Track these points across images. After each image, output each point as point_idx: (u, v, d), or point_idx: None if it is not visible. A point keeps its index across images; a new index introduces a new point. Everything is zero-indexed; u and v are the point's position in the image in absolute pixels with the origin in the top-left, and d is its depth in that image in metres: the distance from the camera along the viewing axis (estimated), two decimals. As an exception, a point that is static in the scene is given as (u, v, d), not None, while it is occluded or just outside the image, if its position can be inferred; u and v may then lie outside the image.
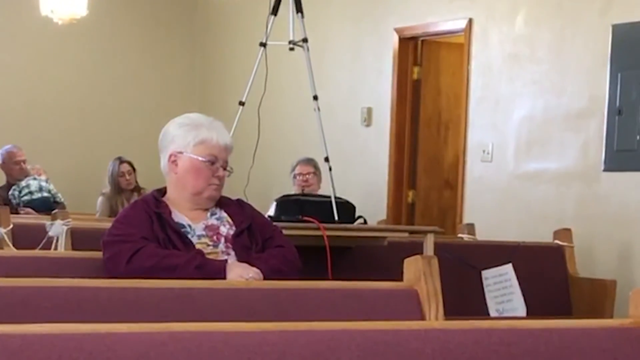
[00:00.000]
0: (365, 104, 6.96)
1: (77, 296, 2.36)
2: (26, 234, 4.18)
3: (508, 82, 5.91)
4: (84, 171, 8.23)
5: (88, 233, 3.94)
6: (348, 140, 6.96)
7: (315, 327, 1.86)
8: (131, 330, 1.75)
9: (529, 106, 5.75)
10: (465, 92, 6.20)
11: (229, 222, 3.15)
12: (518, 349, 1.93)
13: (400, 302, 2.51)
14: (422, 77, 6.72)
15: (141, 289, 2.44)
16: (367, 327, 1.90)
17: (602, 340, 2.02)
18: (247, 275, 2.89)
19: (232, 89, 7.32)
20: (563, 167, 5.50)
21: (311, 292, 2.56)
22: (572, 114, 5.47)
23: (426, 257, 2.54)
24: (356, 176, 6.86)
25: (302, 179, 6.13)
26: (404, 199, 6.74)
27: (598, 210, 5.26)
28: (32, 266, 2.91)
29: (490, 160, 6.00)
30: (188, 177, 3.09)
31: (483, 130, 6.06)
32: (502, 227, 5.73)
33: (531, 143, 5.73)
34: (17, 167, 6.93)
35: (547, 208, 5.54)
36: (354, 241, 4.19)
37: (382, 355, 1.82)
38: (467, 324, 1.98)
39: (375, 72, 6.89)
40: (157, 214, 3.02)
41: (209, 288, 2.52)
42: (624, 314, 2.10)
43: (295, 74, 6.55)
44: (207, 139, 3.09)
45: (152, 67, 8.83)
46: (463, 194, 6.19)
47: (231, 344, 1.75)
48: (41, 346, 1.65)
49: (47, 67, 8.40)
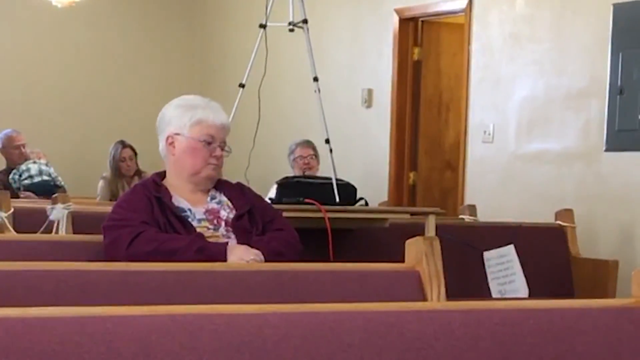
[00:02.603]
0: (366, 86, 6.95)
1: (78, 280, 2.36)
2: (27, 218, 4.17)
3: (509, 63, 5.89)
4: (84, 155, 8.22)
5: (89, 217, 3.93)
6: (348, 121, 6.94)
7: (317, 308, 1.86)
8: (132, 313, 1.74)
9: (530, 86, 5.74)
10: (466, 73, 6.18)
11: (229, 206, 3.14)
12: (520, 330, 1.93)
13: (402, 284, 2.50)
14: (423, 57, 6.70)
15: (142, 272, 2.43)
16: (368, 309, 1.90)
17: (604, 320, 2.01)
18: (248, 258, 2.88)
19: (232, 71, 7.30)
20: (564, 147, 5.49)
21: (313, 274, 2.56)
22: (573, 94, 5.45)
23: (428, 238, 2.54)
24: (357, 158, 6.85)
25: (304, 162, 6.11)
26: (405, 181, 6.73)
27: (600, 191, 5.25)
28: (33, 250, 2.91)
29: (492, 141, 5.99)
30: (186, 158, 3.09)
31: (484, 111, 6.05)
32: (503, 208, 5.73)
33: (532, 123, 5.72)
34: (16, 151, 6.92)
35: (549, 189, 5.53)
36: (355, 223, 4.18)
37: (384, 337, 1.82)
38: (469, 305, 1.98)
39: (376, 53, 6.87)
40: (157, 198, 3.02)
41: (210, 271, 2.51)
42: (626, 294, 2.09)
43: (295, 55, 6.53)
44: (204, 119, 3.09)
45: (152, 50, 8.81)
46: (464, 175, 6.18)
47: (232, 326, 1.74)
48: (42, 329, 1.65)
49: (46, 50, 8.38)
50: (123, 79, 8.67)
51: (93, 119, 8.48)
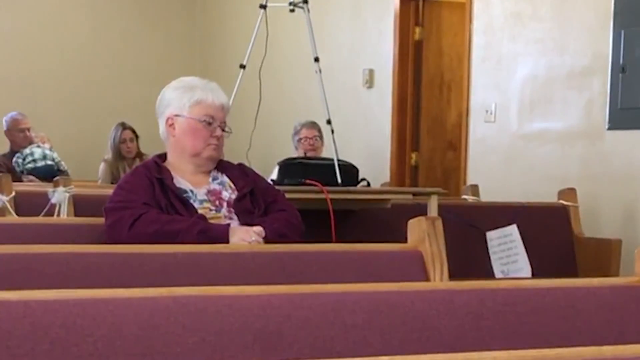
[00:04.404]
0: (367, 66, 6.92)
1: (79, 263, 2.35)
2: (29, 201, 4.16)
3: (510, 41, 5.87)
4: (86, 138, 8.21)
5: (90, 200, 3.92)
6: (350, 102, 6.92)
7: (320, 289, 1.86)
8: (134, 295, 1.74)
9: (532, 65, 5.71)
10: (468, 52, 6.15)
11: (231, 187, 3.14)
12: (523, 309, 1.93)
13: (405, 264, 2.50)
14: (424, 37, 6.68)
15: (144, 255, 2.43)
16: (371, 289, 1.89)
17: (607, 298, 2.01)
18: (250, 239, 2.88)
19: (233, 52, 7.28)
20: (567, 126, 5.47)
21: (315, 255, 2.55)
22: (576, 72, 5.43)
23: (430, 218, 2.53)
24: (359, 139, 6.83)
25: (309, 142, 6.09)
26: (407, 161, 6.72)
27: (602, 170, 5.23)
28: (34, 233, 2.91)
29: (494, 121, 5.97)
30: (186, 139, 3.09)
31: (486, 91, 6.03)
32: (506, 187, 5.71)
33: (534, 103, 5.70)
34: (21, 134, 6.90)
35: (551, 168, 5.52)
36: (358, 204, 4.17)
37: (387, 317, 1.82)
38: (472, 284, 1.97)
39: (377, 33, 6.84)
40: (158, 180, 3.01)
41: (212, 252, 2.51)
42: (629, 273, 2.09)
43: (296, 35, 6.50)
44: (203, 99, 3.09)
45: (152, 32, 8.78)
46: (466, 155, 6.16)
47: (235, 308, 1.74)
48: (44, 312, 1.64)
49: (46, 34, 8.35)
50: (124, 62, 8.64)
51: (94, 101, 8.46)
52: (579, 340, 1.88)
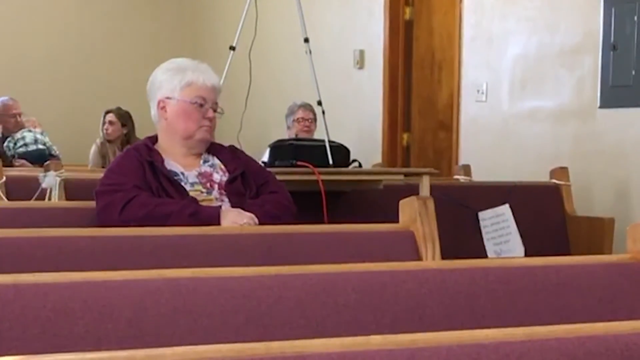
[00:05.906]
0: (358, 47, 6.90)
1: (71, 246, 2.35)
2: (19, 186, 4.15)
3: (501, 20, 5.85)
4: (77, 122, 8.18)
5: (81, 184, 3.91)
6: (341, 83, 6.91)
7: (311, 270, 1.85)
8: (126, 278, 1.73)
9: (523, 44, 5.70)
10: (458, 31, 6.13)
11: (222, 169, 3.13)
12: (516, 287, 1.93)
13: (397, 244, 2.50)
14: (414, 17, 6.65)
15: (135, 237, 2.42)
16: (363, 269, 1.89)
17: (600, 276, 2.01)
18: (242, 221, 2.87)
19: (223, 33, 7.25)
20: (558, 105, 5.47)
21: (307, 236, 2.55)
22: (567, 50, 5.42)
23: (422, 198, 2.53)
24: (350, 119, 6.82)
25: (305, 124, 6.09)
26: (398, 142, 6.71)
27: (594, 148, 5.24)
28: (25, 217, 2.90)
29: (485, 100, 5.96)
30: (178, 121, 3.08)
31: (477, 70, 6.01)
32: (498, 167, 5.71)
33: (525, 81, 5.69)
34: (12, 119, 6.89)
35: (543, 147, 5.52)
36: (350, 185, 4.17)
37: (379, 296, 1.81)
38: (464, 264, 1.97)
39: (366, 13, 6.82)
40: (149, 162, 3.00)
41: (204, 234, 2.50)
42: (622, 251, 2.09)
43: (285, 16, 6.47)
44: (194, 80, 3.08)
45: (141, 14, 8.74)
46: (458, 135, 6.16)
47: (226, 289, 1.73)
48: (35, 296, 1.64)
49: (36, 18, 8.31)
50: (114, 45, 8.61)
51: (85, 86, 8.43)
52: (571, 318, 1.88)
